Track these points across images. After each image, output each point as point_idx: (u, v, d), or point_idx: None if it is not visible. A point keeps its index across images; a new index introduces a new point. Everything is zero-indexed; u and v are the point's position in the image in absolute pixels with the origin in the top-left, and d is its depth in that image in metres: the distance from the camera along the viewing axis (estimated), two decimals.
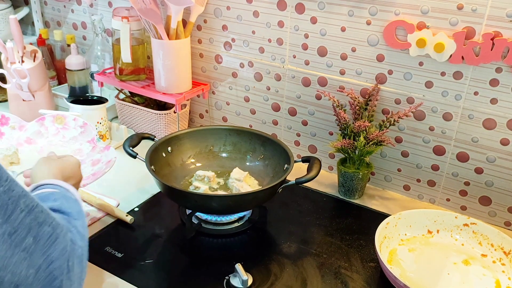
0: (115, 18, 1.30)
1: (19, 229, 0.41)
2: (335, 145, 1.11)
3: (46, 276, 0.43)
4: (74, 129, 1.13)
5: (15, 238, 0.41)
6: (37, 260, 0.42)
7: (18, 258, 0.41)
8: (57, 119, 1.15)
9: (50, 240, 0.44)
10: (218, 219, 1.03)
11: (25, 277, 0.41)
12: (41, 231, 0.43)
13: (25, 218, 0.42)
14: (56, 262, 0.44)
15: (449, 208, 1.14)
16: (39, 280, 0.43)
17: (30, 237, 0.42)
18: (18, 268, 0.41)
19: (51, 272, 0.44)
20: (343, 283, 0.90)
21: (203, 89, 1.36)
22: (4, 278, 0.40)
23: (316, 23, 1.14)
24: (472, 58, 0.97)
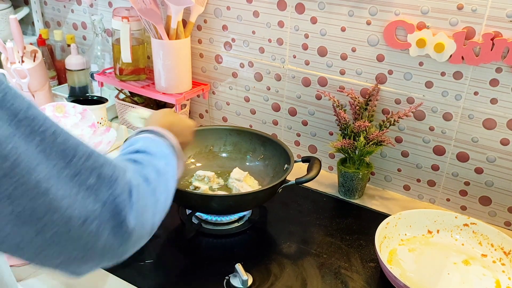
0: (115, 18, 1.30)
1: (81, 171, 0.45)
2: (335, 145, 1.11)
3: (112, 209, 0.48)
4: (74, 116, 1.14)
5: (78, 179, 0.45)
6: (102, 196, 0.47)
7: (83, 195, 0.45)
8: (57, 108, 1.16)
9: (112, 179, 0.48)
10: (218, 219, 1.03)
11: (92, 211, 0.46)
12: (102, 172, 0.47)
13: (85, 162, 0.46)
14: (119, 197, 0.48)
15: (449, 208, 1.14)
16: (106, 211, 0.47)
17: (93, 177, 0.46)
18: (85, 204, 0.45)
19: (116, 206, 0.48)
20: (343, 283, 0.90)
21: (203, 89, 1.36)
22: (72, 213, 0.44)
23: (316, 23, 1.14)
24: (472, 58, 0.97)
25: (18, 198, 0.41)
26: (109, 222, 0.48)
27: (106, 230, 0.48)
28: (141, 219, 0.53)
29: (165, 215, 0.66)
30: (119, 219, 0.49)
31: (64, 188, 0.44)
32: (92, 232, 0.47)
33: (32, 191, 0.41)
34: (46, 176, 0.42)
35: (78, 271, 0.52)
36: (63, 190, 0.44)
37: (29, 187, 0.41)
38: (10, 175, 0.40)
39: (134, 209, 0.51)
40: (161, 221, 0.60)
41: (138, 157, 0.61)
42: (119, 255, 0.52)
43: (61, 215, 0.44)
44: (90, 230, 0.46)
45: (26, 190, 0.41)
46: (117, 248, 0.50)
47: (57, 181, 0.43)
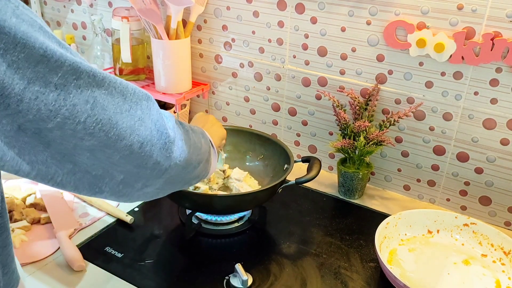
0: (115, 18, 1.30)
1: (132, 106, 0.56)
2: (335, 145, 1.11)
3: (156, 132, 0.59)
4: None
5: (132, 112, 0.55)
6: (148, 123, 0.58)
7: (138, 125, 0.56)
8: None
9: (148, 109, 0.59)
10: (218, 219, 1.03)
11: (145, 136, 0.57)
12: (142, 104, 0.58)
13: (133, 97, 0.56)
14: (158, 122, 0.60)
15: (449, 208, 1.14)
16: (154, 136, 0.59)
17: (139, 110, 0.57)
18: (140, 131, 0.56)
19: (158, 128, 0.60)
20: (343, 283, 0.90)
21: (203, 89, 1.36)
22: (133, 139, 0.56)
23: (316, 23, 1.14)
24: (472, 58, 0.97)
25: (97, 133, 0.51)
26: (157, 142, 0.60)
27: (156, 149, 0.59)
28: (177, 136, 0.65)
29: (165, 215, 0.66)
30: (164, 138, 0.60)
31: (126, 120, 0.55)
32: (147, 152, 0.58)
33: (106, 126, 0.52)
34: (115, 112, 0.53)
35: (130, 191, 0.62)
36: (126, 122, 0.55)
37: (104, 123, 0.52)
38: (92, 114, 0.50)
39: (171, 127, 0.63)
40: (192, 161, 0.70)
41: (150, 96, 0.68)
42: (163, 171, 0.62)
43: (127, 142, 0.55)
44: (146, 151, 0.58)
45: (103, 126, 0.52)
46: (163, 164, 0.61)
47: (121, 116, 0.54)
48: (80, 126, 0.49)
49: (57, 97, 0.46)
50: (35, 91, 0.44)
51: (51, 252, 0.94)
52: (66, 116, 0.48)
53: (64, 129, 0.48)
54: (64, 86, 0.47)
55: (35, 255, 0.93)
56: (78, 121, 0.49)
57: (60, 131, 0.48)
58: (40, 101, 0.45)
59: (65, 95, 0.47)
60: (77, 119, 0.49)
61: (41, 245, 0.96)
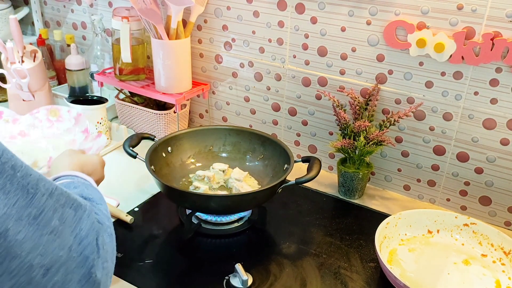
0: (115, 18, 1.30)
1: (43, 211, 0.40)
2: (335, 145, 1.11)
3: (78, 255, 0.42)
4: (69, 120, 1.13)
5: (41, 220, 0.40)
6: (67, 240, 0.42)
7: (47, 240, 0.40)
8: (51, 111, 1.14)
9: (75, 220, 0.43)
10: (217, 219, 1.03)
11: (56, 258, 0.40)
12: (65, 212, 0.42)
13: (47, 201, 0.41)
14: (86, 240, 0.44)
15: (449, 208, 1.14)
16: (72, 260, 0.42)
17: (56, 219, 0.41)
18: (48, 250, 0.40)
19: (82, 251, 0.43)
20: (343, 283, 0.90)
21: (203, 89, 1.36)
22: (33, 261, 0.38)
23: (316, 23, 1.14)
24: (472, 58, 0.97)
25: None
26: (76, 270, 0.42)
27: (73, 282, 0.42)
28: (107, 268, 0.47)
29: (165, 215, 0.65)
30: (87, 268, 0.43)
31: (26, 230, 0.38)
32: (57, 283, 0.40)
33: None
34: (4, 216, 0.37)
35: None
36: (24, 232, 0.38)
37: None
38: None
39: (101, 255, 0.45)
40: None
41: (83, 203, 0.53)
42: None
43: (21, 263, 0.38)
44: (55, 282, 0.40)
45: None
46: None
47: (17, 222, 0.38)
48: None
49: None
50: None
51: None
52: None
53: None
54: None
55: None
56: None
57: None
58: None
59: None
60: None
61: None
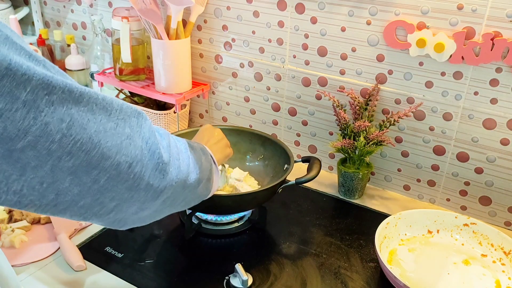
0: (115, 18, 1.30)
1: (119, 123, 0.52)
2: (335, 145, 1.11)
3: (148, 151, 0.56)
4: None
5: (118, 129, 0.52)
6: (138, 142, 0.54)
7: (126, 144, 0.52)
8: None
9: (139, 126, 0.56)
10: (218, 219, 1.03)
11: (134, 155, 0.53)
12: (132, 121, 0.55)
13: (119, 114, 0.53)
14: (149, 140, 0.56)
15: (449, 208, 1.14)
16: (145, 155, 0.55)
17: (127, 127, 0.53)
18: (128, 150, 0.53)
19: (149, 147, 0.56)
20: (343, 283, 0.90)
21: (203, 89, 1.36)
22: (120, 159, 0.52)
23: (316, 23, 1.14)
24: (472, 58, 0.97)
25: (76, 152, 0.47)
26: (149, 162, 0.56)
27: (148, 170, 0.56)
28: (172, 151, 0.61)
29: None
30: (156, 157, 0.57)
31: (111, 139, 0.51)
32: (137, 173, 0.54)
33: (87, 145, 0.48)
34: (97, 131, 0.49)
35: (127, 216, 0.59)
36: (110, 140, 0.51)
37: (85, 142, 0.48)
38: (68, 134, 0.46)
39: (163, 145, 0.59)
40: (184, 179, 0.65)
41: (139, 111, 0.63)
42: (158, 192, 0.59)
43: (112, 162, 0.51)
44: (136, 172, 0.54)
45: (82, 145, 0.47)
46: (158, 185, 0.58)
47: (105, 134, 0.50)
48: (55, 146, 0.45)
49: (26, 115, 0.42)
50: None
51: (51, 252, 0.94)
52: (38, 135, 0.43)
53: (37, 149, 0.44)
54: (34, 103, 0.42)
55: (35, 255, 0.93)
56: (52, 140, 0.45)
57: (33, 151, 0.44)
58: (5, 118, 0.41)
59: (35, 113, 0.43)
60: (51, 138, 0.44)
61: (41, 245, 0.96)
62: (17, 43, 0.42)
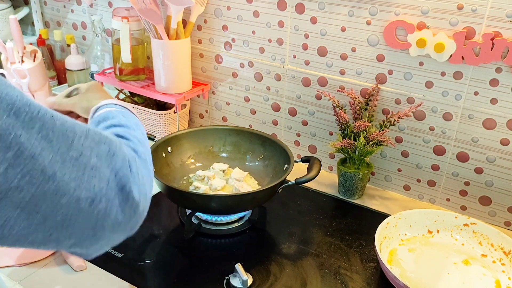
0: (115, 18, 1.30)
1: (83, 152, 0.46)
2: (335, 145, 1.11)
3: (116, 185, 0.49)
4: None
5: (82, 160, 0.46)
6: (105, 174, 0.48)
7: (88, 176, 0.46)
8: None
9: (110, 155, 0.49)
10: (218, 219, 1.03)
11: (98, 190, 0.47)
12: (100, 150, 0.48)
13: (85, 141, 0.47)
14: (120, 171, 0.50)
15: (449, 208, 1.14)
16: (111, 190, 0.48)
17: (94, 157, 0.47)
18: (90, 184, 0.46)
19: (119, 181, 0.49)
20: (343, 283, 0.90)
21: (203, 89, 1.36)
22: (80, 195, 0.45)
23: (316, 23, 1.14)
24: (472, 58, 0.97)
25: (26, 186, 0.41)
26: (116, 198, 0.49)
27: (114, 206, 0.49)
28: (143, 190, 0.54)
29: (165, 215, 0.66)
30: (125, 194, 0.50)
31: (70, 171, 0.44)
32: (101, 210, 0.48)
33: (39, 178, 0.42)
34: (52, 161, 0.43)
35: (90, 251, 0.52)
36: (69, 173, 0.44)
37: (35, 175, 0.41)
38: (15, 164, 0.40)
39: (136, 181, 0.52)
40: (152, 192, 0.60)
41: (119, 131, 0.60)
42: (128, 230, 0.53)
43: (70, 198, 0.45)
44: (99, 209, 0.48)
45: (33, 178, 0.41)
46: (126, 223, 0.52)
47: (63, 165, 0.44)
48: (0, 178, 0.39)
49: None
50: None
51: (51, 252, 0.94)
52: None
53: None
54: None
55: (35, 255, 0.93)
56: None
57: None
58: None
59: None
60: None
61: None
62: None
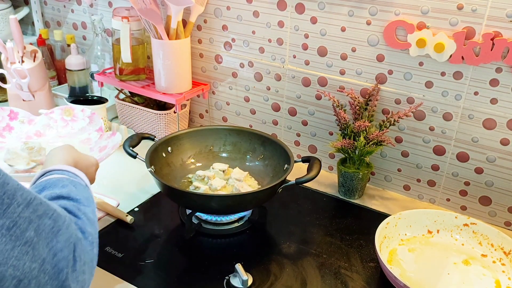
0: (115, 18, 1.30)
1: (18, 222, 0.40)
2: (335, 145, 1.11)
3: (52, 268, 0.42)
4: (83, 119, 1.15)
5: (14, 231, 0.39)
6: (41, 253, 0.41)
7: (19, 252, 0.39)
8: (65, 111, 1.16)
9: (53, 232, 0.42)
10: (218, 219, 1.03)
11: (29, 271, 0.40)
12: (42, 224, 0.42)
13: (23, 211, 0.40)
14: (61, 253, 0.43)
15: (449, 208, 1.14)
16: (45, 273, 0.41)
17: (31, 230, 0.40)
18: (20, 262, 0.39)
19: (56, 264, 0.42)
20: (343, 283, 0.90)
21: (203, 89, 1.36)
22: (5, 273, 0.38)
23: (316, 23, 1.14)
24: (472, 58, 0.97)
25: None
26: (49, 282, 0.41)
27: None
28: (82, 279, 0.46)
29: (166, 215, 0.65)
30: (60, 281, 0.42)
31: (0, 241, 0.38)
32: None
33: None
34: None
35: None
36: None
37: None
38: None
39: (77, 268, 0.45)
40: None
41: (67, 205, 0.52)
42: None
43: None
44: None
45: None
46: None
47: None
48: None
49: None
50: None
51: None
52: None
53: None
54: None
55: None
56: None
57: None
58: None
59: None
60: None
61: None
62: None
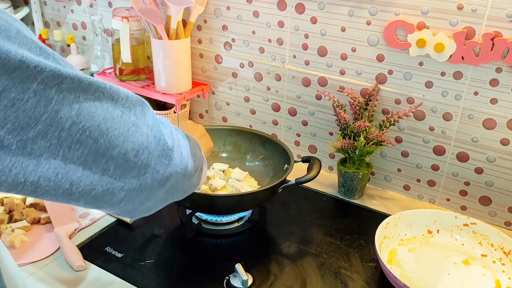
0: (115, 18, 1.30)
1: (124, 111, 0.54)
2: (335, 145, 1.11)
3: (154, 137, 0.57)
4: None
5: (125, 118, 0.53)
6: (143, 129, 0.55)
7: (133, 131, 0.54)
8: None
9: (143, 113, 0.57)
10: (218, 219, 1.03)
11: (141, 143, 0.55)
12: (136, 109, 0.56)
13: (125, 102, 0.54)
14: (154, 127, 0.57)
15: (449, 208, 1.14)
16: (151, 142, 0.56)
17: (133, 116, 0.55)
18: (135, 138, 0.54)
19: (155, 134, 0.57)
20: (343, 283, 0.90)
21: (203, 89, 1.36)
22: (128, 147, 0.53)
23: (316, 23, 1.14)
24: (472, 58, 0.97)
25: (85, 140, 0.48)
26: (155, 149, 0.57)
27: (154, 157, 0.57)
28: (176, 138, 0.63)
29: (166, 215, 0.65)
30: (161, 144, 0.58)
31: (118, 126, 0.52)
32: (144, 160, 0.55)
33: (95, 132, 0.49)
34: (104, 118, 0.50)
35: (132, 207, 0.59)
36: (118, 128, 0.52)
37: (92, 130, 0.49)
38: (77, 121, 0.47)
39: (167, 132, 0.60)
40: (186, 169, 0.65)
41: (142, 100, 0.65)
42: (164, 180, 0.60)
43: (119, 151, 0.52)
44: (143, 159, 0.55)
45: (91, 133, 0.49)
46: (163, 172, 0.59)
47: (112, 122, 0.51)
48: (65, 134, 0.46)
49: (37, 103, 0.43)
50: (11, 98, 0.42)
51: (51, 252, 0.94)
52: (48, 123, 0.45)
53: (47, 138, 0.45)
54: (44, 92, 0.44)
55: (35, 255, 0.93)
56: (62, 127, 0.46)
57: (44, 140, 0.45)
58: (17, 108, 0.42)
59: (46, 101, 0.44)
60: (60, 126, 0.46)
61: (41, 245, 0.96)
62: (27, 37, 0.44)
